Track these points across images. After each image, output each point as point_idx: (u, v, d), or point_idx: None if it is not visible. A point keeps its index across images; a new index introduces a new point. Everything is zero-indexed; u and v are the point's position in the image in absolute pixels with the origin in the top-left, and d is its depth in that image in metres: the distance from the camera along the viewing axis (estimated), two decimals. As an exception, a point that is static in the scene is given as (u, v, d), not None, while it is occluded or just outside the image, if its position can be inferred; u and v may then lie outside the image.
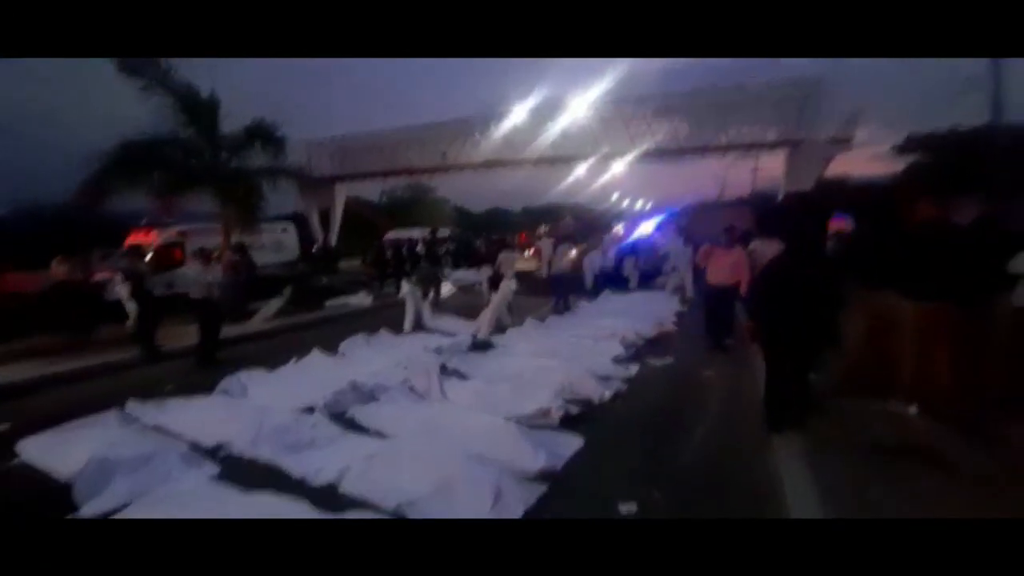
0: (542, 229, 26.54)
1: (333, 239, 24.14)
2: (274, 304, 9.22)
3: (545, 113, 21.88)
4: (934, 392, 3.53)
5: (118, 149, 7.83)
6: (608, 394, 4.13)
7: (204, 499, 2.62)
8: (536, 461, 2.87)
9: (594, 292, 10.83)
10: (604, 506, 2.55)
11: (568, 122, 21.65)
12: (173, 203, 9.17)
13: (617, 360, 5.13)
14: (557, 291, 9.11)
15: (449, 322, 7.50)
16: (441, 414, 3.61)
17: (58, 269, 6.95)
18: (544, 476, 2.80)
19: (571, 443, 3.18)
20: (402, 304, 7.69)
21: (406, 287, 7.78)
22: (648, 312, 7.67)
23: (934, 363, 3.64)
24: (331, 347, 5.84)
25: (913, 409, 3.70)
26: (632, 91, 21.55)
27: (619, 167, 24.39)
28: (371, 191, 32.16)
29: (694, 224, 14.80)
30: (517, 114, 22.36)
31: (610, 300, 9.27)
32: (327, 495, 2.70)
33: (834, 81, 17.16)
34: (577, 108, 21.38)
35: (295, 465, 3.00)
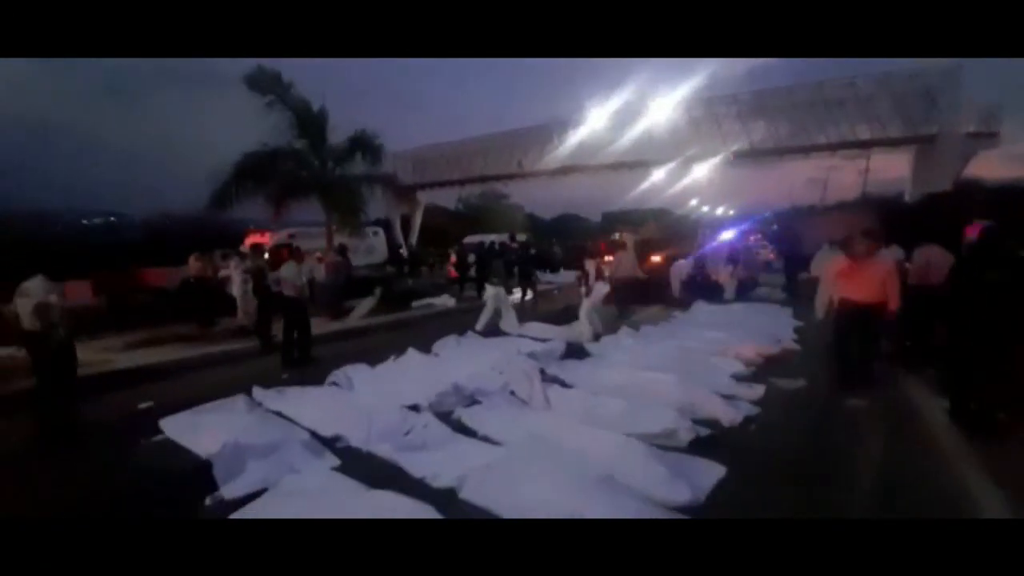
0: (618, 235, 25.64)
1: (413, 243, 25.35)
2: (367, 303, 9.68)
3: (627, 116, 21.21)
4: None
5: (241, 160, 8.68)
6: (739, 417, 3.63)
7: (330, 493, 2.59)
8: (676, 490, 2.50)
9: (682, 302, 10.08)
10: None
11: (651, 124, 20.77)
12: (285, 208, 10.02)
13: (738, 378, 4.56)
14: (623, 299, 8.61)
15: (537, 327, 7.29)
16: (554, 425, 3.36)
17: (194, 265, 7.81)
18: (686, 509, 2.42)
19: (711, 471, 2.76)
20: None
21: (490, 289, 7.76)
22: (760, 326, 6.88)
23: None
24: (420, 346, 5.85)
25: None
26: (724, 89, 20.23)
27: (705, 170, 22.92)
28: (445, 199, 33.37)
29: (805, 229, 13.28)
30: (596, 119, 21.93)
31: (708, 311, 8.50)
32: (447, 499, 2.56)
33: (963, 74, 14.65)
34: (661, 109, 20.45)
35: (412, 466, 2.92)
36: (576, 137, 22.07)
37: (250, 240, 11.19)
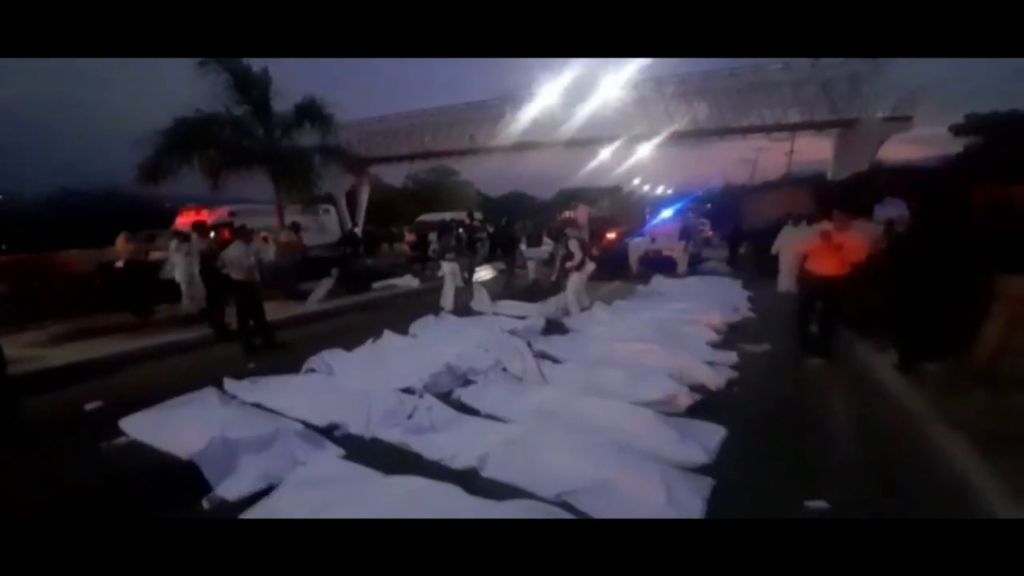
0: (569, 213, 26.01)
1: (360, 222, 24.19)
2: (325, 285, 9.16)
3: (577, 93, 21.24)
4: None
5: (173, 127, 7.73)
6: (723, 381, 3.89)
7: (349, 482, 2.47)
8: (691, 452, 2.66)
9: (640, 276, 10.53)
10: (778, 504, 2.33)
11: (602, 103, 20.98)
12: (223, 181, 9.08)
13: (712, 345, 4.87)
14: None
15: (510, 305, 7.30)
16: (559, 399, 3.41)
17: (125, 247, 6.92)
18: (701, 469, 2.58)
19: (714, 432, 2.95)
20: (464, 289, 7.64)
21: (446, 266, 7.80)
22: (718, 297, 7.35)
23: None
24: (391, 328, 5.61)
25: None
26: (669, 70, 20.78)
27: (648, 149, 23.64)
28: (389, 175, 31.90)
29: (748, 206, 14.20)
30: (549, 94, 21.77)
31: (668, 285, 8.93)
32: (469, 479, 2.54)
33: (883, 61, 16.16)
34: (611, 88, 20.68)
35: (426, 448, 2.85)
36: (530, 112, 21.83)
37: (184, 219, 10.09)
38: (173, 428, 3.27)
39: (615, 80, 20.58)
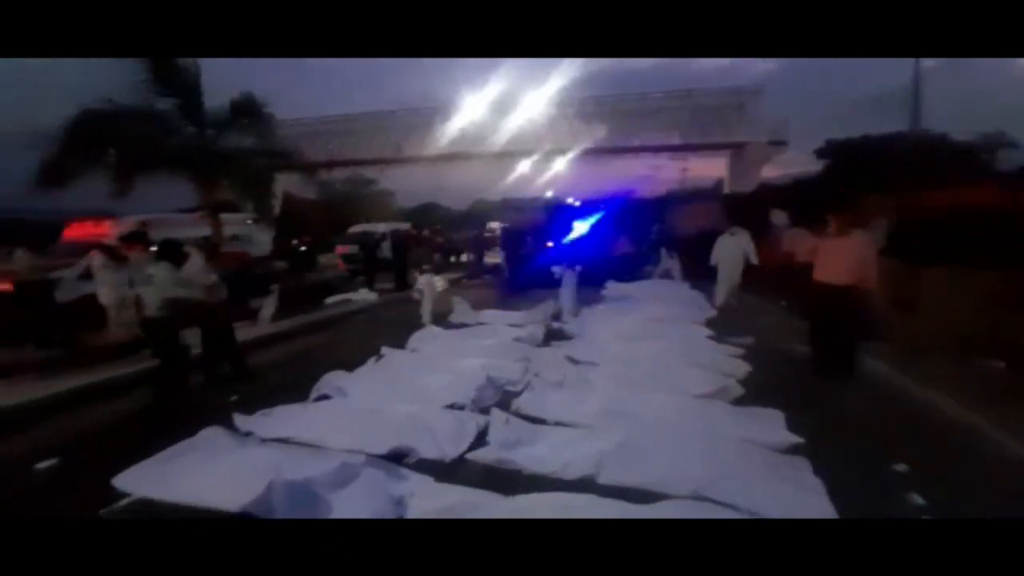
0: (493, 224, 26.36)
1: (271, 233, 21.97)
2: (270, 304, 8.15)
3: (503, 106, 21.80)
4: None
5: (80, 119, 6.36)
6: (746, 371, 4.24)
7: (483, 509, 2.24)
8: (779, 436, 2.88)
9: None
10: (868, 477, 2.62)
11: (527, 117, 21.80)
12: (130, 186, 7.66)
13: (712, 340, 5.29)
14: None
15: (495, 314, 7.18)
16: (627, 399, 3.45)
17: (21, 262, 5.46)
18: (795, 449, 2.80)
19: (777, 416, 3.20)
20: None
21: (423, 278, 7.56)
22: (681, 298, 7.96)
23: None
24: (367, 344, 5.33)
25: None
26: (588, 91, 22.37)
27: (563, 163, 25.06)
28: (296, 183, 29.59)
29: (677, 218, 15.66)
30: (475, 105, 22.05)
31: (628, 289, 9.43)
32: (585, 488, 2.46)
33: (766, 91, 19.37)
34: (534, 104, 21.64)
35: (527, 463, 2.70)
36: (458, 123, 21.86)
37: (76, 231, 8.26)
38: (191, 478, 2.68)
39: (540, 95, 21.61)
